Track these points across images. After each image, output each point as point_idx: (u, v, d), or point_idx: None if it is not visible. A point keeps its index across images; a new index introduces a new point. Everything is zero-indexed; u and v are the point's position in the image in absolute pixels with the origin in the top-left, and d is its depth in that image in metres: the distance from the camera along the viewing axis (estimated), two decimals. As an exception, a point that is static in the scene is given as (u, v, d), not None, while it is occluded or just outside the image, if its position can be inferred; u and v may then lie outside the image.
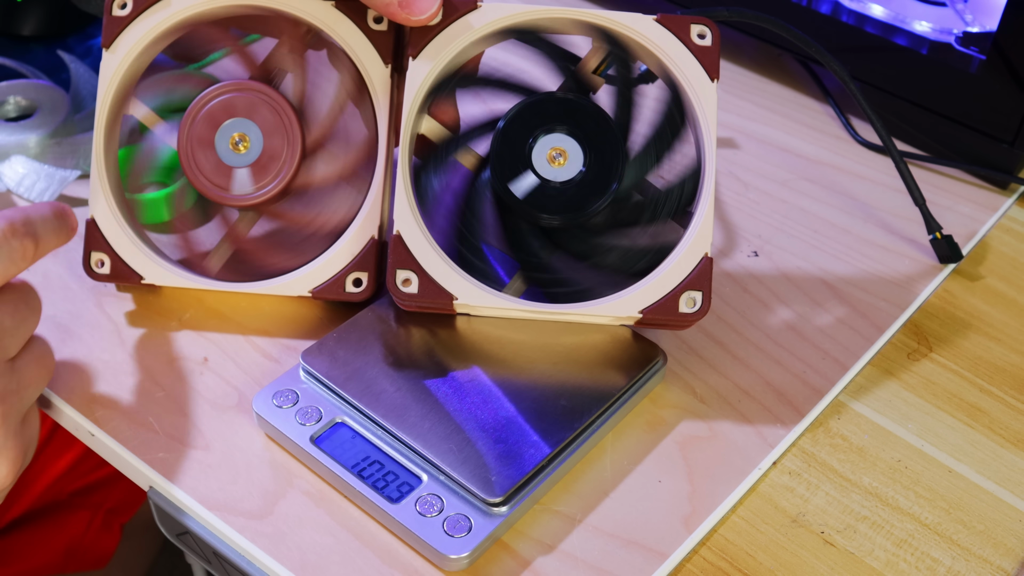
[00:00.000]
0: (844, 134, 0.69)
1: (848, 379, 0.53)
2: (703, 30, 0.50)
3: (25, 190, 0.59)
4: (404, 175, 0.49)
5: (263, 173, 0.51)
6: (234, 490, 0.46)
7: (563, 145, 0.49)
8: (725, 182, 0.65)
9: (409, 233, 0.48)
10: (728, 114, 0.70)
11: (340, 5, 0.51)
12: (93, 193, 0.51)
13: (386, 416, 0.47)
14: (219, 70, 0.55)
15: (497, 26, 0.50)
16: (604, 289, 0.49)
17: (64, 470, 0.77)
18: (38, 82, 0.66)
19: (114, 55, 0.52)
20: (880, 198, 0.64)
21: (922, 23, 0.68)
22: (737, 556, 0.46)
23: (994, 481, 0.49)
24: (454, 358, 0.50)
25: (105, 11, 0.52)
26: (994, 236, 0.63)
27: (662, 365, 0.51)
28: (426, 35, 0.50)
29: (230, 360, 0.52)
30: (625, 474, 0.48)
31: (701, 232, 0.49)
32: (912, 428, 0.51)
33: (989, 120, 0.64)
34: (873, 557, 0.46)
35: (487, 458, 0.45)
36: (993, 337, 0.56)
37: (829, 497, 0.48)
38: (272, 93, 0.51)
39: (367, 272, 0.51)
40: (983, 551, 0.46)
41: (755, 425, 0.50)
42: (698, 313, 0.48)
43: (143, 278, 0.51)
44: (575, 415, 0.47)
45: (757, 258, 0.59)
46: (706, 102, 0.49)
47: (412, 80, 0.49)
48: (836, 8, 0.69)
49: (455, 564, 0.44)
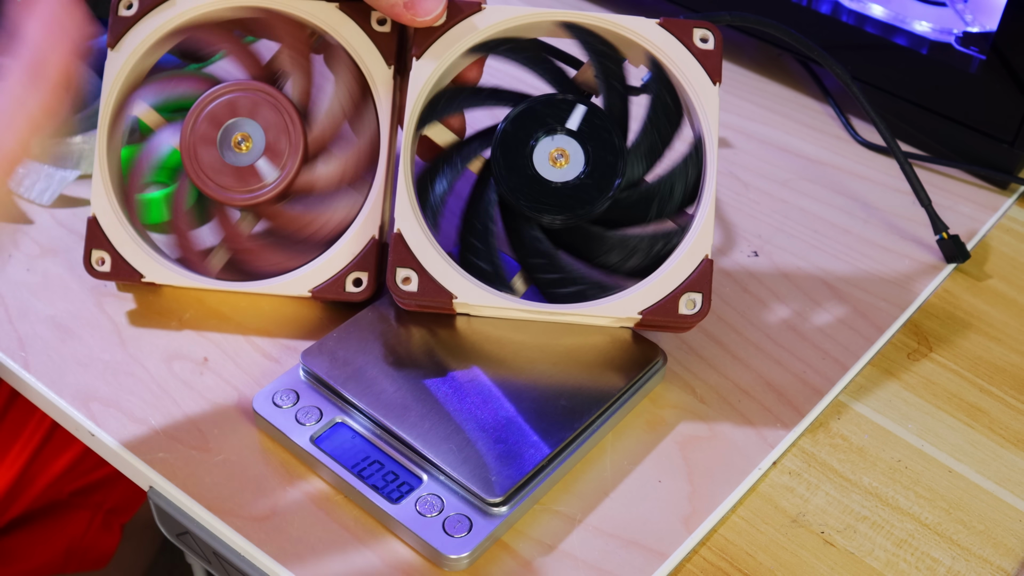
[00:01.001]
0: (844, 134, 0.69)
1: (848, 379, 0.53)
2: (705, 34, 0.50)
3: (25, 190, 0.59)
4: (406, 175, 0.49)
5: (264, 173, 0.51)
6: (234, 490, 0.46)
7: (564, 146, 0.49)
8: (725, 182, 0.65)
9: (410, 232, 0.48)
10: (728, 114, 0.70)
11: (344, 7, 0.52)
12: (95, 191, 0.51)
13: (386, 416, 0.47)
14: (222, 70, 0.55)
15: (499, 28, 0.50)
16: (605, 289, 0.49)
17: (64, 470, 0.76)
18: (38, 82, 0.65)
19: (119, 54, 0.52)
20: (880, 198, 0.64)
21: (922, 23, 0.68)
22: (737, 556, 0.46)
23: (994, 481, 0.49)
24: (454, 358, 0.50)
25: (111, 11, 0.52)
26: (994, 236, 0.63)
27: (662, 365, 0.51)
28: (430, 36, 0.50)
29: (230, 360, 0.52)
30: (625, 474, 0.48)
31: (701, 234, 0.49)
32: (912, 428, 0.51)
33: (989, 120, 0.64)
34: (873, 557, 0.46)
35: (487, 458, 0.45)
36: (993, 337, 0.56)
37: (829, 497, 0.48)
38: (275, 93, 0.51)
39: (367, 272, 0.51)
40: (983, 551, 0.46)
41: (755, 425, 0.50)
42: (698, 315, 0.48)
43: (143, 276, 0.51)
44: (575, 415, 0.47)
45: (757, 258, 0.59)
46: (708, 105, 0.50)
47: (416, 79, 0.50)
48: (836, 8, 0.69)
49: (455, 564, 0.44)
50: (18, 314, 0.54)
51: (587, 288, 0.49)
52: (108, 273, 0.51)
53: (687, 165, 0.50)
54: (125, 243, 0.51)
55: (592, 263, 0.50)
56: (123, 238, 0.51)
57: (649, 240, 0.50)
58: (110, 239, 0.51)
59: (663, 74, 0.50)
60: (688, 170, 0.50)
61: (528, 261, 0.50)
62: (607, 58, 0.51)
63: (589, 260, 0.50)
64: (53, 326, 0.53)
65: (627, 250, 0.50)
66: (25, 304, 0.54)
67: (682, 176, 0.50)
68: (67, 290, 0.55)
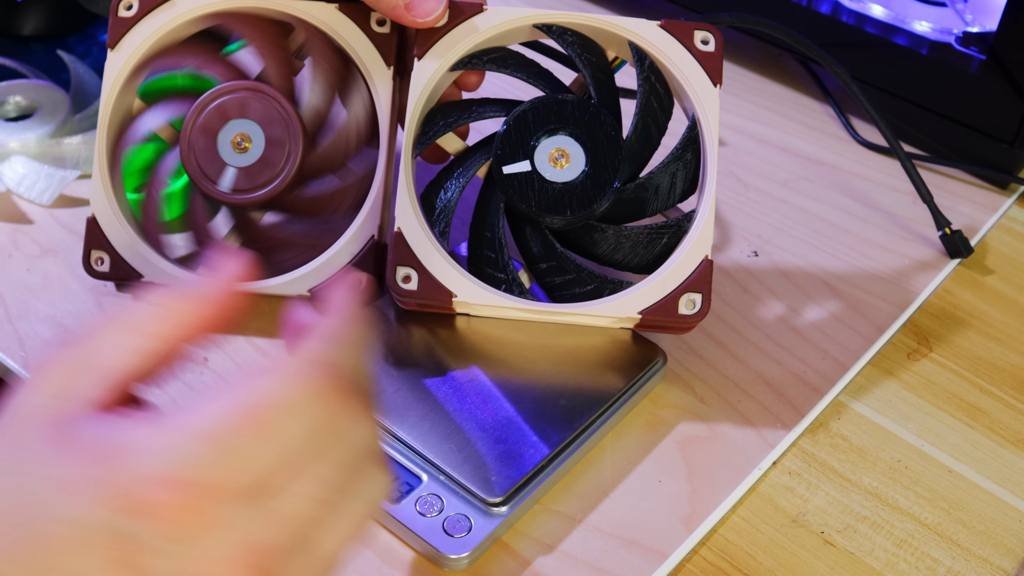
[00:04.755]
0: (844, 134, 0.69)
1: (848, 379, 0.53)
2: (706, 36, 0.50)
3: (25, 190, 0.59)
4: (407, 174, 0.49)
5: (264, 173, 0.51)
6: (234, 490, 0.46)
7: (565, 146, 0.50)
8: (725, 182, 0.65)
9: (410, 230, 0.48)
10: (728, 114, 0.70)
11: (344, 8, 0.52)
12: (94, 191, 0.52)
13: (386, 416, 0.47)
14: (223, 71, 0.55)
15: (500, 29, 0.50)
16: (617, 286, 0.49)
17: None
18: (38, 82, 0.66)
19: (119, 54, 0.52)
20: (880, 198, 0.64)
21: (922, 23, 0.68)
22: (737, 556, 0.46)
23: (994, 481, 0.49)
24: (454, 358, 0.50)
25: (111, 12, 0.52)
26: (994, 236, 0.63)
27: (662, 365, 0.51)
28: (432, 36, 0.50)
29: (230, 360, 0.52)
30: (625, 474, 0.48)
31: (701, 234, 0.49)
32: (912, 428, 0.51)
33: (989, 120, 0.64)
34: (873, 557, 0.46)
35: (487, 458, 0.45)
36: (993, 337, 0.56)
37: (829, 497, 0.48)
38: (275, 94, 0.51)
39: (367, 271, 0.51)
40: (983, 551, 0.46)
41: (755, 425, 0.50)
42: (698, 315, 0.48)
43: (142, 276, 0.51)
44: (575, 415, 0.47)
45: (757, 258, 0.59)
46: (708, 106, 0.50)
47: (418, 79, 0.50)
48: (836, 8, 0.69)
49: (455, 564, 0.44)
50: (18, 314, 0.54)
51: (590, 287, 0.49)
52: (107, 273, 0.51)
53: (685, 152, 0.50)
54: (124, 243, 0.51)
55: (600, 261, 0.50)
56: (122, 238, 0.51)
57: (656, 233, 0.50)
58: (109, 239, 0.51)
59: (649, 61, 0.51)
60: (687, 157, 0.50)
61: (537, 265, 0.50)
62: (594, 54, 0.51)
63: (597, 258, 0.50)
64: (53, 326, 0.53)
65: (634, 245, 0.50)
66: (25, 304, 0.54)
67: (682, 166, 0.50)
68: (67, 290, 0.55)
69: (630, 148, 0.50)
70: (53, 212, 0.59)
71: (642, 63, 0.51)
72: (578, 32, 0.51)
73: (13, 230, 0.58)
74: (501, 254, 0.49)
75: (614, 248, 0.50)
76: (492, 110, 0.51)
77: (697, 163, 0.50)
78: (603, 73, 0.51)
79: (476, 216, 0.50)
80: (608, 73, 0.51)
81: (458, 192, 0.50)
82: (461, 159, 0.51)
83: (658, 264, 0.49)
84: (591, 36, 0.51)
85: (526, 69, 0.52)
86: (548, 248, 0.50)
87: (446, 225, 0.49)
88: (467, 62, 0.51)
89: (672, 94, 0.51)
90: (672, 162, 0.50)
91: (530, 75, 0.52)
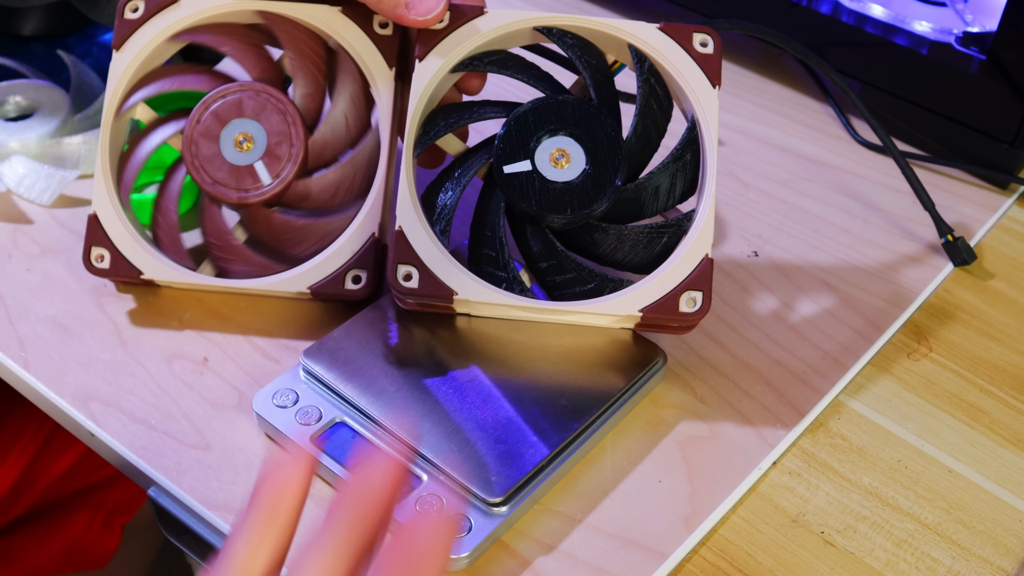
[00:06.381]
0: (844, 134, 0.69)
1: (848, 379, 0.53)
2: (705, 38, 0.51)
3: (25, 190, 0.59)
4: (408, 173, 0.49)
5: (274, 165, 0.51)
6: (234, 490, 0.46)
7: (565, 146, 0.50)
8: (725, 182, 0.65)
9: (411, 228, 0.48)
10: (728, 114, 0.70)
11: (346, 10, 0.52)
12: (96, 189, 0.52)
13: (386, 416, 0.47)
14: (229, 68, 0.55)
15: (501, 31, 0.51)
16: (618, 284, 0.49)
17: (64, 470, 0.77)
18: (38, 82, 0.66)
19: (124, 56, 0.52)
20: (880, 198, 0.64)
21: (922, 23, 0.68)
22: (737, 556, 0.46)
23: (994, 481, 0.49)
24: (454, 358, 0.50)
25: (117, 13, 0.52)
26: (994, 236, 0.63)
27: (662, 365, 0.51)
28: (433, 37, 0.50)
29: (230, 360, 0.52)
30: (625, 474, 0.48)
31: (702, 233, 0.49)
32: (912, 428, 0.51)
33: (989, 120, 0.64)
34: (873, 557, 0.46)
35: (487, 458, 0.45)
36: (993, 337, 0.56)
37: (829, 497, 0.48)
38: (284, 99, 0.52)
39: (366, 269, 0.51)
40: (983, 551, 0.46)
41: (755, 425, 0.50)
42: (698, 313, 0.48)
43: (142, 273, 0.51)
44: (575, 415, 0.47)
45: (757, 258, 0.59)
46: (708, 108, 0.50)
47: (419, 79, 0.50)
48: (836, 8, 0.69)
49: (455, 564, 0.44)
50: (18, 314, 0.54)
51: (598, 285, 0.49)
52: (107, 270, 0.52)
53: (685, 153, 0.50)
54: (124, 240, 0.51)
55: (600, 260, 0.50)
56: (123, 235, 0.51)
57: (656, 232, 0.50)
58: (110, 236, 0.51)
59: (648, 63, 0.51)
60: (686, 159, 0.50)
61: (537, 264, 0.50)
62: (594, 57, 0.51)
63: (597, 258, 0.51)
64: (53, 326, 0.53)
65: (634, 244, 0.50)
66: (25, 304, 0.54)
67: (681, 167, 0.50)
68: (67, 290, 0.55)
69: (630, 149, 0.50)
70: (53, 212, 0.59)
71: (642, 65, 0.51)
72: (578, 35, 0.51)
73: (13, 230, 0.58)
74: (502, 252, 0.49)
75: (614, 248, 0.50)
76: (493, 111, 0.52)
77: (696, 164, 0.50)
78: (603, 75, 0.51)
79: (477, 215, 0.51)
80: (608, 75, 0.52)
81: (458, 193, 0.50)
82: (461, 160, 0.51)
83: (658, 264, 0.49)
84: (591, 39, 0.52)
85: (527, 71, 0.52)
86: (549, 247, 0.50)
87: (447, 225, 0.49)
88: (468, 64, 0.51)
89: (671, 96, 0.52)
90: (672, 163, 0.50)
91: (531, 77, 0.52)
